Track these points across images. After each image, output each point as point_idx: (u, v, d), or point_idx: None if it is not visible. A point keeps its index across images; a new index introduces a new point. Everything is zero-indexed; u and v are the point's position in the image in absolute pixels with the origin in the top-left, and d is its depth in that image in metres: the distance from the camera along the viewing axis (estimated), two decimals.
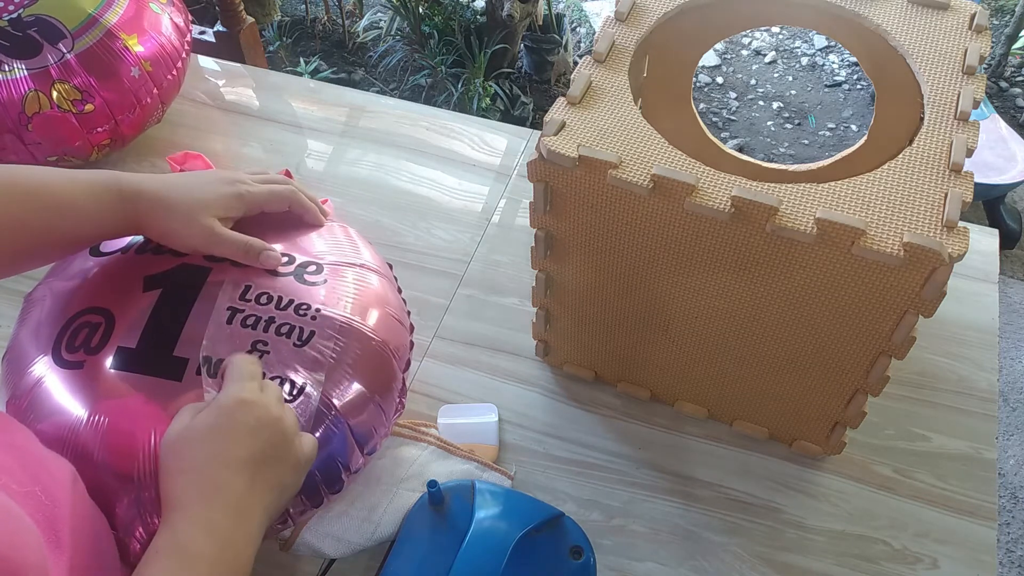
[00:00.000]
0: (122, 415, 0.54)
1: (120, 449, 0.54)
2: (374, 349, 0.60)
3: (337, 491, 0.61)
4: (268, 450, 0.52)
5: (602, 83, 0.63)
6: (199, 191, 0.62)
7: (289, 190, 0.66)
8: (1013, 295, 1.92)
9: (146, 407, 0.54)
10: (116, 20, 0.87)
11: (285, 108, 1.07)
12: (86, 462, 0.54)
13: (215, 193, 0.62)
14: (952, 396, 0.80)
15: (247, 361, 0.55)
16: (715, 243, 0.59)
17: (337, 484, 0.60)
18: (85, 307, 0.58)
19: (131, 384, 0.55)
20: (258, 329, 0.57)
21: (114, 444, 0.54)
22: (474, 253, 0.91)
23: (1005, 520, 1.56)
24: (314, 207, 0.67)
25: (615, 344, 0.75)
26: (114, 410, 0.54)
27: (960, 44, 0.65)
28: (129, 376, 0.55)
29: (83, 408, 0.55)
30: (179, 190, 0.61)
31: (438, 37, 2.23)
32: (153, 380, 0.55)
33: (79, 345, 0.56)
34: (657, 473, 0.75)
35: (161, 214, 0.60)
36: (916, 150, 0.58)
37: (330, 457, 0.58)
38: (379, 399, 0.60)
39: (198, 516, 0.48)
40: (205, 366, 0.56)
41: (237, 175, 0.65)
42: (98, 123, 0.88)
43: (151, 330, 0.57)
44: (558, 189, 0.62)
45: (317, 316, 0.59)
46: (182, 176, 0.66)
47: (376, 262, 0.67)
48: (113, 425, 0.54)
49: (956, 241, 0.52)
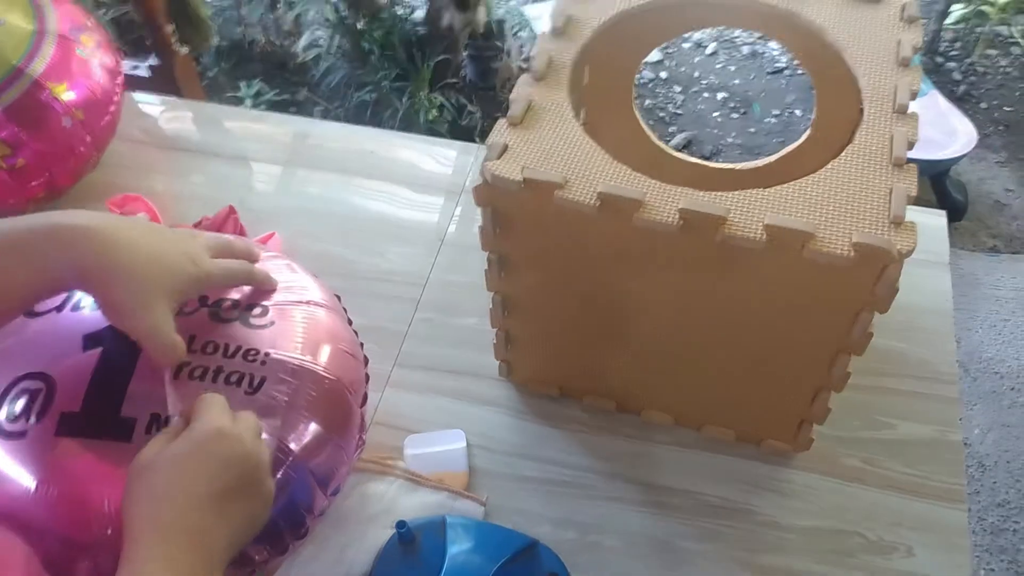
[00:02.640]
0: (72, 483, 0.52)
1: (72, 518, 0.52)
2: (328, 388, 0.59)
3: (303, 536, 0.59)
4: (238, 484, 0.50)
5: (542, 101, 0.62)
6: (157, 262, 0.54)
7: (245, 271, 0.61)
8: (964, 266, 1.96)
9: (96, 472, 0.53)
10: (43, 69, 0.83)
11: (225, 140, 1.04)
12: (38, 533, 0.52)
13: (173, 271, 0.55)
14: (914, 381, 0.80)
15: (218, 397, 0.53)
16: (667, 255, 0.59)
17: (302, 528, 0.59)
18: (23, 373, 0.56)
19: (78, 449, 0.53)
20: (207, 380, 0.56)
21: (66, 513, 0.52)
22: (429, 275, 0.90)
23: (975, 489, 1.58)
24: (266, 276, 0.63)
25: (577, 358, 0.74)
26: (63, 478, 0.52)
27: (894, 36, 0.66)
28: (76, 442, 0.53)
29: (30, 479, 0.52)
30: (131, 252, 0.53)
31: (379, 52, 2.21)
32: (101, 443, 0.53)
33: (20, 414, 0.54)
34: (629, 485, 0.74)
35: (104, 276, 0.52)
36: (858, 147, 0.59)
37: (291, 502, 0.56)
38: (338, 438, 0.59)
39: (159, 552, 0.47)
40: (155, 424, 0.54)
41: (197, 248, 0.58)
42: (32, 177, 0.85)
43: (94, 392, 0.55)
44: (506, 212, 0.61)
45: (267, 361, 0.57)
46: (140, 230, 0.55)
47: (324, 297, 0.66)
48: (63, 494, 0.52)
49: (904, 237, 0.53)
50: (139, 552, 0.47)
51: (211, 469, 0.49)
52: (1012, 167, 2.21)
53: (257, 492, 0.51)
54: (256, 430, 0.53)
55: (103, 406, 0.54)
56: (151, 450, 0.50)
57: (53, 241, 0.51)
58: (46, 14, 0.87)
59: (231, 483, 0.50)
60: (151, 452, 0.50)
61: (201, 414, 0.51)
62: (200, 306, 0.60)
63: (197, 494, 0.49)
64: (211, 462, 0.49)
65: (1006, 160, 2.22)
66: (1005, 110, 2.34)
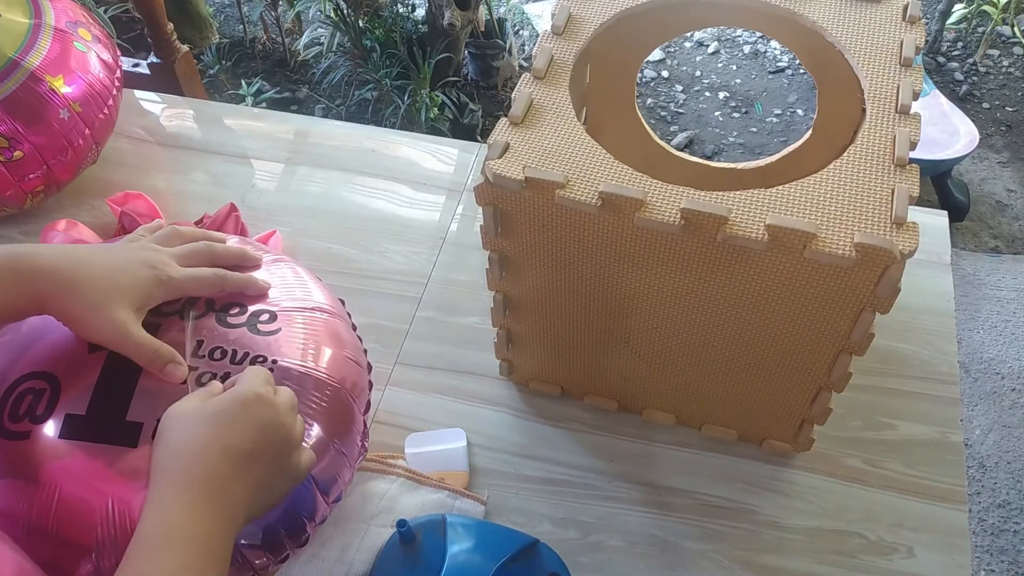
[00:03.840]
0: (75, 486, 0.52)
1: (76, 521, 0.51)
2: (333, 395, 0.59)
3: (303, 543, 0.59)
4: (268, 451, 0.51)
5: (543, 100, 0.62)
6: (114, 272, 0.55)
7: (216, 276, 0.60)
8: (966, 266, 1.96)
9: (101, 476, 0.52)
10: (39, 62, 0.84)
11: (227, 138, 1.04)
12: (39, 536, 0.51)
13: (132, 277, 0.56)
14: (915, 382, 0.80)
15: (263, 370, 0.55)
16: (669, 254, 0.58)
17: (302, 536, 0.59)
18: (27, 372, 0.55)
19: (83, 453, 0.53)
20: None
21: (69, 516, 0.51)
22: (430, 274, 0.90)
23: (975, 490, 1.58)
24: (249, 280, 0.62)
25: (579, 358, 0.74)
26: (66, 481, 0.52)
27: (895, 36, 0.65)
28: (80, 445, 0.53)
29: (33, 480, 0.52)
30: (88, 269, 0.54)
31: (380, 50, 2.21)
32: (106, 448, 0.53)
33: (23, 414, 0.54)
34: (630, 484, 0.74)
35: (64, 296, 0.53)
36: (860, 147, 0.58)
37: (292, 508, 0.56)
38: (340, 444, 0.59)
39: (185, 498, 0.48)
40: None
41: (159, 256, 0.58)
42: (29, 170, 0.85)
43: (100, 394, 0.54)
44: (507, 211, 0.61)
45: (274, 367, 0.57)
46: (96, 251, 0.58)
47: (329, 302, 0.65)
48: (66, 497, 0.52)
49: (906, 238, 0.52)
50: (165, 497, 0.48)
51: (245, 430, 0.50)
52: (1014, 167, 2.21)
53: (282, 464, 0.52)
54: (292, 404, 0.54)
55: (109, 409, 0.54)
56: (190, 403, 0.51)
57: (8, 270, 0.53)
58: (43, 8, 0.87)
59: (260, 448, 0.51)
60: (190, 404, 0.51)
61: (246, 379, 0.53)
62: (207, 311, 0.60)
63: (229, 451, 0.50)
64: (247, 424, 0.51)
65: (1008, 160, 2.22)
66: (1007, 110, 2.34)
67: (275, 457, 0.52)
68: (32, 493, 0.52)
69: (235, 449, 0.50)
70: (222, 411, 0.51)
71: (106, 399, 0.54)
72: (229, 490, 0.49)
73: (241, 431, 0.50)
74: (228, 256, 0.63)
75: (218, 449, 0.49)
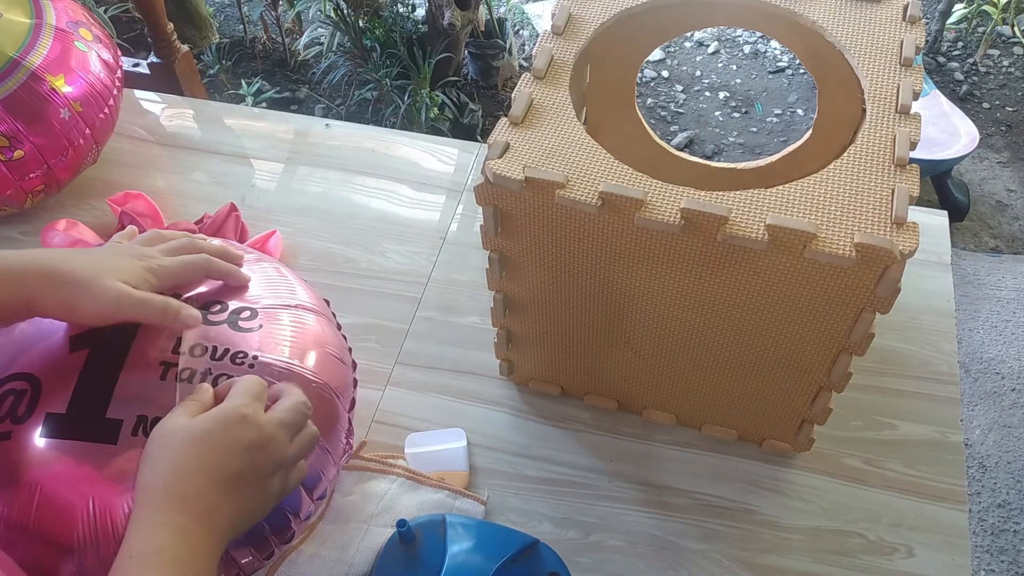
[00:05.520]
0: (56, 485, 0.52)
1: (57, 520, 0.51)
2: (316, 392, 0.59)
3: (288, 540, 0.59)
4: (252, 474, 0.51)
5: (543, 100, 0.62)
6: (100, 259, 0.57)
7: (204, 259, 0.61)
8: (966, 266, 1.96)
9: (81, 474, 0.52)
10: (40, 61, 0.84)
11: (227, 138, 1.04)
12: (21, 535, 0.51)
13: (120, 261, 0.57)
14: (915, 382, 0.80)
15: (256, 382, 0.54)
16: (669, 254, 0.58)
17: (287, 533, 0.59)
18: (8, 374, 0.55)
19: (64, 451, 0.52)
20: (194, 382, 0.55)
21: (50, 515, 0.51)
22: (430, 274, 0.90)
23: (975, 490, 1.58)
24: (234, 269, 0.62)
25: (579, 358, 0.74)
26: (47, 480, 0.52)
27: (896, 36, 0.66)
28: (61, 443, 0.53)
29: (14, 480, 0.52)
30: (72, 262, 0.56)
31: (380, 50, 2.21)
32: (86, 445, 0.53)
33: (5, 414, 0.53)
34: (630, 484, 0.74)
35: (51, 286, 0.54)
36: (860, 147, 0.58)
37: (278, 507, 0.56)
38: (324, 442, 0.59)
39: (171, 520, 0.48)
40: (141, 426, 0.54)
41: (142, 249, 0.60)
42: (30, 169, 0.85)
43: (80, 393, 0.54)
44: (507, 211, 0.61)
45: (255, 364, 0.57)
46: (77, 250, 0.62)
47: (312, 301, 0.65)
48: (47, 496, 0.51)
49: (906, 238, 0.53)
50: (152, 517, 0.48)
51: (231, 453, 0.51)
52: (1014, 167, 2.21)
53: (264, 485, 0.52)
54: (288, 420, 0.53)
55: (89, 407, 0.54)
56: (177, 420, 0.51)
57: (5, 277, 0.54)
58: (44, 8, 0.88)
59: (245, 471, 0.51)
60: (177, 422, 0.51)
61: (235, 394, 0.53)
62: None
63: (214, 474, 0.50)
64: (231, 446, 0.51)
65: (1008, 160, 2.22)
66: (1007, 110, 2.34)
67: (258, 479, 0.52)
68: (13, 493, 0.52)
69: (220, 471, 0.50)
70: (208, 431, 0.50)
71: (86, 398, 0.54)
72: (215, 511, 0.49)
73: (226, 453, 0.50)
74: (211, 250, 0.63)
75: (203, 472, 0.50)
